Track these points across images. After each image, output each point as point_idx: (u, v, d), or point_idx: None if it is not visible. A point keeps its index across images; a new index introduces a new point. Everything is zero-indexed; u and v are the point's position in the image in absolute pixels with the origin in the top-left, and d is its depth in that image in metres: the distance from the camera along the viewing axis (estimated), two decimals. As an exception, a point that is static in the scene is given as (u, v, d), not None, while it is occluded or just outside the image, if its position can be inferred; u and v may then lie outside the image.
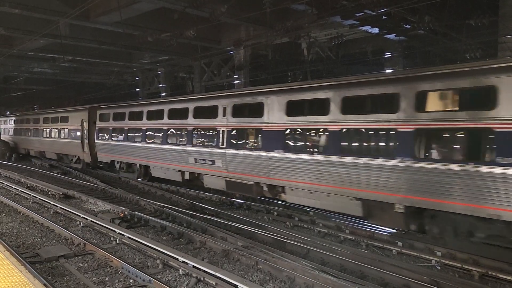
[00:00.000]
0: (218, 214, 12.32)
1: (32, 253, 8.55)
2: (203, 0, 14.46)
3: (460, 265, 7.91)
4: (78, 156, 23.84)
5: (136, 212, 11.70)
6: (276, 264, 7.59)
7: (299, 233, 10.09)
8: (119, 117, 19.67)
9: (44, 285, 5.62)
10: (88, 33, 22.01)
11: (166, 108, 16.23)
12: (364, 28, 16.79)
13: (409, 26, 15.75)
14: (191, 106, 14.90)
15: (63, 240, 9.64)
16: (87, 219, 11.10)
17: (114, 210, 12.60)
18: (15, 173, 20.98)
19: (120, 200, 14.85)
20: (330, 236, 10.21)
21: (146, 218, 11.27)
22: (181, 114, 15.30)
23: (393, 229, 9.85)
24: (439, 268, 8.07)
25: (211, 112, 13.77)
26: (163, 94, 31.21)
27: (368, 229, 10.23)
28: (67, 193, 15.32)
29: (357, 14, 14.69)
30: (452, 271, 7.92)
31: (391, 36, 18.83)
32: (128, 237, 9.34)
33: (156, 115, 16.85)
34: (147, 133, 17.19)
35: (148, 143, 17.07)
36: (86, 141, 22.46)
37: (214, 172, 13.61)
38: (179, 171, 15.39)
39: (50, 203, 13.27)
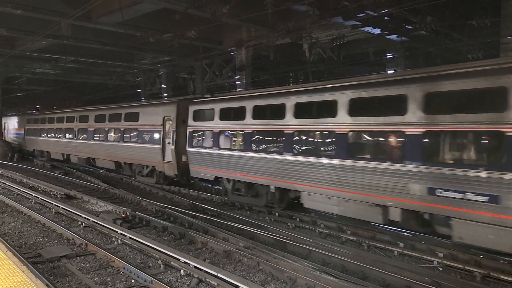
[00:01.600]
0: (220, 214, 12.31)
1: (34, 253, 8.56)
2: (205, 0, 14.50)
3: (462, 266, 7.88)
4: (154, 167, 17.55)
5: (137, 213, 11.69)
6: (277, 265, 7.58)
7: (300, 234, 10.07)
8: (233, 114, 13.49)
9: (46, 285, 5.62)
10: (90, 33, 22.11)
11: (341, 97, 9.96)
12: (366, 28, 16.83)
13: (411, 27, 15.77)
14: (415, 91, 8.61)
15: (65, 241, 9.65)
16: (89, 220, 11.10)
17: (115, 210, 12.61)
18: (17, 174, 21.01)
19: (121, 200, 14.86)
20: (331, 237, 10.19)
21: (147, 219, 11.27)
22: (382, 106, 9.48)
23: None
24: (441, 269, 8.05)
25: (485, 100, 7.85)
26: (165, 95, 31.24)
27: (369, 230, 10.21)
28: (68, 193, 15.33)
29: (359, 15, 14.71)
30: (454, 272, 7.89)
31: (393, 36, 18.86)
32: (130, 238, 9.34)
33: (317, 110, 11.02)
34: (297, 138, 11.13)
35: (301, 154, 10.95)
36: (171, 147, 16.03)
37: (495, 217, 7.37)
38: (378, 206, 9.28)
39: (52, 204, 13.28)
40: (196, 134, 14.95)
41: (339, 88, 10.28)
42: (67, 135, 24.76)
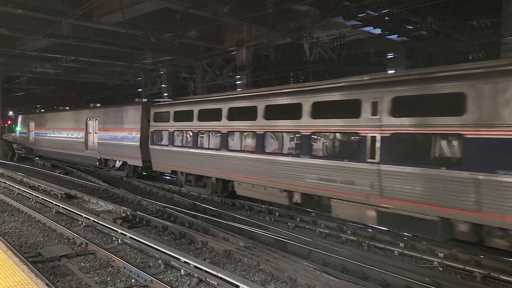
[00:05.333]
0: (220, 214, 12.31)
1: (34, 252, 8.57)
2: (206, 0, 14.50)
3: (462, 266, 7.88)
4: None
5: (138, 212, 11.71)
6: (277, 265, 7.59)
7: (300, 233, 10.08)
8: None
9: (46, 284, 5.63)
10: (91, 33, 22.11)
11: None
12: (367, 28, 16.80)
13: (411, 27, 15.76)
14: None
15: (65, 240, 9.66)
16: (89, 219, 11.11)
17: (116, 210, 12.61)
18: (18, 173, 21.02)
19: (122, 200, 14.86)
20: (331, 237, 10.19)
21: (148, 218, 11.28)
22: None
23: None
24: (441, 269, 8.05)
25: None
26: (164, 94, 31.26)
27: (370, 230, 10.20)
28: (69, 193, 15.34)
29: (360, 15, 14.69)
30: (454, 272, 7.89)
31: (394, 36, 18.84)
32: (130, 237, 9.35)
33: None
34: None
35: None
36: None
37: None
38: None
39: (52, 203, 13.29)
40: None
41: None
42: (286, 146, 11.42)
